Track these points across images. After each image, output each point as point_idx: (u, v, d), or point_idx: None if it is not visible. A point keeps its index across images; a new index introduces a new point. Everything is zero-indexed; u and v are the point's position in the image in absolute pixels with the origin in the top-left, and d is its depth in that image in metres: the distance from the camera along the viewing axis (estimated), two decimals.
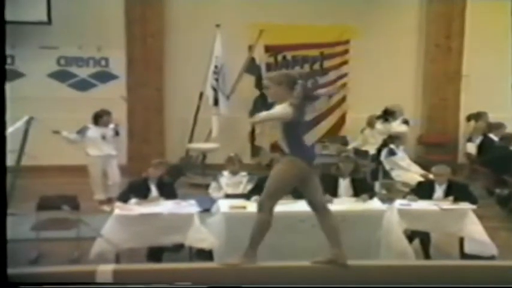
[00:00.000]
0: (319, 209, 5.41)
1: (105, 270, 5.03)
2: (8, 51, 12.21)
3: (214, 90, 12.17)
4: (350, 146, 12.35)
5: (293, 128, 5.24)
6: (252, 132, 12.54)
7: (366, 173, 10.60)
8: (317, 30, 12.80)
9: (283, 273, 5.30)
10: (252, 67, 12.36)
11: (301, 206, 7.59)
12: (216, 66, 12.10)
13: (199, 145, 12.12)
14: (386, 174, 10.81)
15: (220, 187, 8.58)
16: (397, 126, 11.49)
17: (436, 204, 7.77)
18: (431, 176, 8.63)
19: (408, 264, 6.27)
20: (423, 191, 8.15)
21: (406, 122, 11.70)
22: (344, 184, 8.21)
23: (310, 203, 5.46)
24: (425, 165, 10.28)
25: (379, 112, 11.82)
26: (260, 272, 5.27)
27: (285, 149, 5.29)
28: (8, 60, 12.29)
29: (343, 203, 7.80)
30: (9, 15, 11.38)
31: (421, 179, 9.58)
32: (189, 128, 12.14)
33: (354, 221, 7.39)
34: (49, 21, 11.69)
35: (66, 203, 7.80)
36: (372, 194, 8.14)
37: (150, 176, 7.93)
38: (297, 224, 7.31)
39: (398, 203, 7.85)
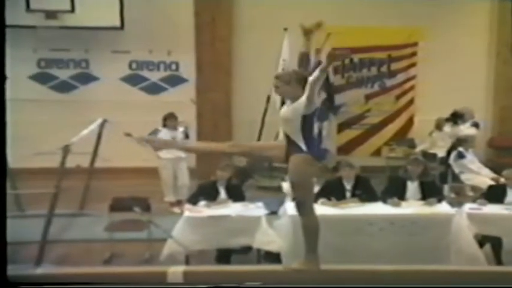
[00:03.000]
0: None
1: (176, 271, 5.16)
2: (83, 55, 12.64)
3: None
4: (418, 149, 12.23)
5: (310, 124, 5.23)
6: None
7: (435, 176, 10.48)
8: (385, 33, 12.73)
9: (349, 276, 5.33)
10: None
11: (369, 209, 7.65)
12: (283, 69, 12.14)
13: None
14: (456, 178, 10.64)
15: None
16: (465, 129, 11.31)
17: (508, 209, 7.64)
18: (502, 180, 8.48)
19: (479, 270, 6.19)
20: (494, 194, 8.01)
21: (475, 125, 11.50)
22: (412, 187, 8.13)
23: None
24: (496, 169, 10.08)
25: (447, 115, 11.66)
26: (327, 275, 5.30)
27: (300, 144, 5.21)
28: (83, 64, 12.72)
29: (411, 206, 7.75)
30: (83, 21, 11.79)
31: (492, 182, 9.41)
32: (256, 130, 12.19)
33: (422, 224, 7.36)
34: (122, 26, 11.96)
35: (137, 204, 7.98)
36: (440, 198, 8.04)
37: (219, 178, 8.05)
38: (365, 227, 7.32)
39: (468, 207, 7.76)
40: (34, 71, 12.54)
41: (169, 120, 10.22)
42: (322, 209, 7.58)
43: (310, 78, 4.89)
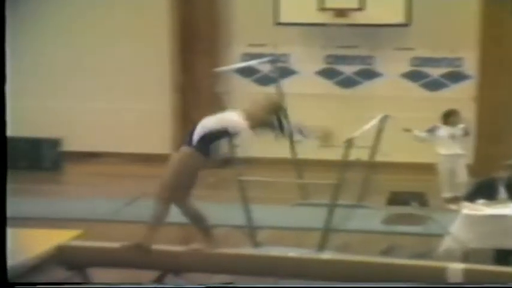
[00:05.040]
0: None
1: (455, 268, 5.28)
2: (368, 52, 13.03)
3: None
4: None
5: None
6: None
7: None
8: None
9: None
10: None
11: None
12: None
13: None
14: None
15: None
16: None
17: None
18: None
19: None
20: None
21: None
22: None
23: None
24: None
25: None
26: None
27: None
28: (367, 61, 13.10)
29: None
30: (371, 18, 12.33)
31: None
32: None
33: None
34: (407, 23, 12.18)
35: (415, 199, 8.20)
36: None
37: (499, 177, 7.94)
38: None
39: None
40: (321, 66, 13.24)
41: (451, 116, 10.22)
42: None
43: None
